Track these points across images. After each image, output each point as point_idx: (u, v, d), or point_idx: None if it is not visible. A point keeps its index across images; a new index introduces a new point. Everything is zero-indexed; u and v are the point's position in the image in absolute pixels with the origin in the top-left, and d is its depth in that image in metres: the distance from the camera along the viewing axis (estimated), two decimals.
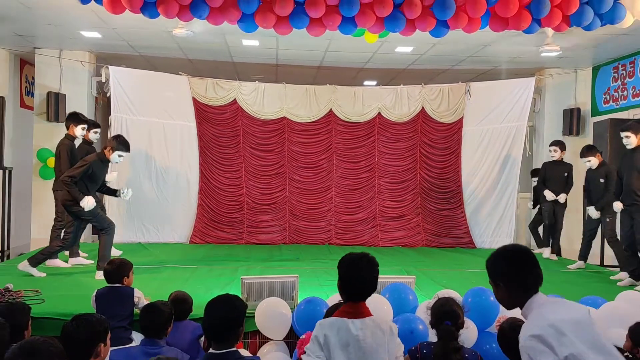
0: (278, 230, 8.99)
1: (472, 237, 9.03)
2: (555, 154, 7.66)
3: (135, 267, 4.39)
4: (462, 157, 9.14)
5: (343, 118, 9.09)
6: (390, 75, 10.17)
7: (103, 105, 9.64)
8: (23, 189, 8.93)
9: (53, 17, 7.11)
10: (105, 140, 7.37)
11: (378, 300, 3.94)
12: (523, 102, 8.89)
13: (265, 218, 9.01)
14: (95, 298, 4.04)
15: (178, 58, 9.17)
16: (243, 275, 4.70)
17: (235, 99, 8.91)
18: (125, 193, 6.22)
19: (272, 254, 7.79)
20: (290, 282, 4.55)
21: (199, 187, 8.94)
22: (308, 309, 4.05)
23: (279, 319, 4.13)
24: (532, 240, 9.17)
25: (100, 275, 5.22)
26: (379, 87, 9.55)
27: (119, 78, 8.48)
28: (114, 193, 6.31)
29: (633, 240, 6.01)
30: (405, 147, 9.18)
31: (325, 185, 9.17)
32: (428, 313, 3.23)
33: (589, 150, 6.79)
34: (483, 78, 9.78)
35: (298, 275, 4.65)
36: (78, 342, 2.57)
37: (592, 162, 6.73)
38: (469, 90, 9.06)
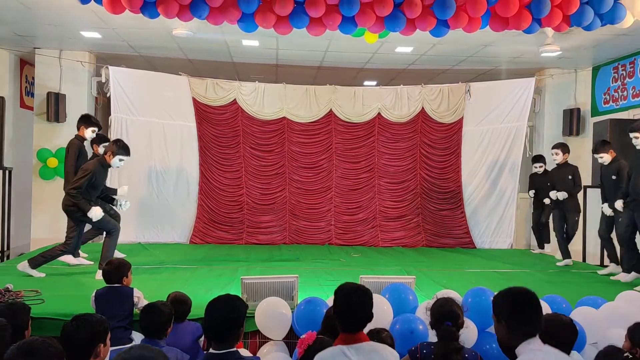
0: (278, 231, 8.99)
1: (472, 237, 9.02)
2: (557, 157, 7.47)
3: (135, 267, 4.40)
4: (462, 157, 9.14)
5: (343, 118, 9.09)
6: (390, 76, 10.17)
7: (103, 106, 9.64)
8: (23, 189, 8.93)
9: (53, 17, 7.11)
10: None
11: (378, 301, 3.93)
12: (523, 102, 8.89)
13: (265, 218, 9.01)
14: (95, 298, 4.04)
15: (178, 58, 9.17)
16: (243, 276, 4.70)
17: (235, 99, 8.91)
18: (123, 205, 6.20)
19: (272, 254, 7.79)
20: (290, 282, 4.55)
21: (199, 187, 8.94)
22: (308, 309, 4.05)
23: (279, 319, 4.13)
24: (532, 241, 9.18)
25: (100, 276, 5.22)
26: (379, 87, 9.55)
27: (119, 78, 8.48)
28: (112, 202, 6.33)
29: (629, 236, 6.04)
30: (405, 147, 9.18)
31: (325, 186, 9.17)
32: (428, 314, 3.22)
33: (602, 146, 6.54)
34: (483, 78, 9.78)
35: (298, 276, 4.66)
36: (78, 342, 2.57)
37: (604, 158, 6.49)
38: (469, 91, 9.05)
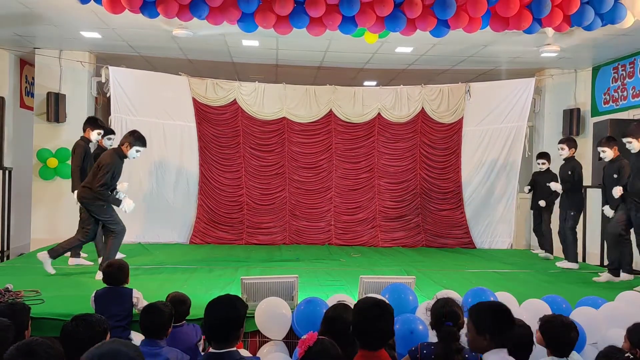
0: (278, 231, 8.99)
1: (472, 237, 9.02)
2: (563, 152, 7.15)
3: (135, 267, 4.40)
4: (462, 157, 9.13)
5: (343, 118, 9.08)
6: (390, 76, 10.17)
7: (103, 106, 9.64)
8: (23, 189, 8.92)
9: (53, 17, 7.11)
10: None
11: None
12: (523, 102, 8.88)
13: (265, 218, 9.01)
14: (95, 298, 4.04)
15: (178, 58, 9.16)
16: (243, 276, 4.70)
17: (235, 99, 8.91)
18: (128, 206, 5.98)
19: (272, 255, 7.79)
20: (290, 282, 4.55)
21: (199, 187, 8.93)
22: (308, 310, 4.05)
23: (279, 319, 4.13)
24: (532, 241, 9.18)
25: (100, 276, 5.21)
26: (379, 87, 9.54)
27: (119, 78, 8.47)
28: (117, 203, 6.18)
29: (618, 232, 6.01)
30: (405, 147, 9.17)
31: (325, 186, 9.16)
32: (428, 314, 3.22)
33: (607, 142, 6.30)
34: (483, 78, 9.78)
35: (298, 276, 4.65)
36: (77, 342, 2.57)
37: (606, 153, 6.26)
38: (469, 91, 9.05)
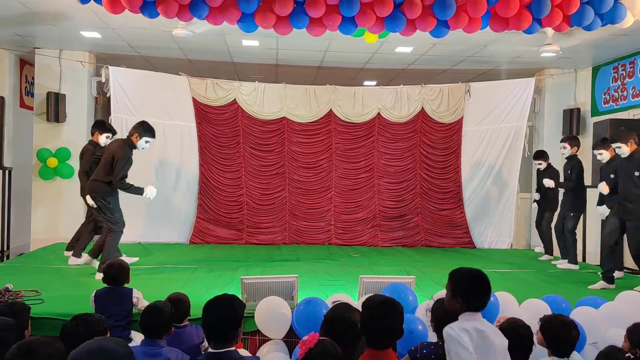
0: (278, 231, 8.99)
1: (472, 237, 9.02)
2: (565, 151, 7.09)
3: (135, 267, 4.40)
4: (462, 157, 9.12)
5: (343, 118, 9.08)
6: (390, 76, 10.17)
7: (103, 106, 9.64)
8: (23, 189, 8.92)
9: (53, 17, 7.10)
10: None
11: None
12: (523, 102, 8.88)
13: (265, 218, 9.01)
14: (95, 298, 4.04)
15: (178, 58, 9.16)
16: (243, 276, 4.70)
17: (235, 99, 8.91)
18: (151, 193, 6.00)
19: (272, 254, 7.79)
20: (290, 282, 4.55)
21: (199, 187, 8.93)
22: (307, 310, 4.05)
23: (279, 319, 4.13)
24: (532, 241, 9.18)
25: (100, 276, 5.22)
26: (379, 87, 9.54)
27: (119, 78, 8.47)
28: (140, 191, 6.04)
29: (613, 242, 5.84)
30: (405, 147, 9.17)
31: (325, 185, 9.16)
32: (428, 314, 3.22)
33: (602, 143, 6.30)
34: (483, 78, 9.78)
35: (298, 276, 4.65)
36: (77, 342, 2.56)
37: (603, 155, 6.28)
38: (469, 91, 9.05)
